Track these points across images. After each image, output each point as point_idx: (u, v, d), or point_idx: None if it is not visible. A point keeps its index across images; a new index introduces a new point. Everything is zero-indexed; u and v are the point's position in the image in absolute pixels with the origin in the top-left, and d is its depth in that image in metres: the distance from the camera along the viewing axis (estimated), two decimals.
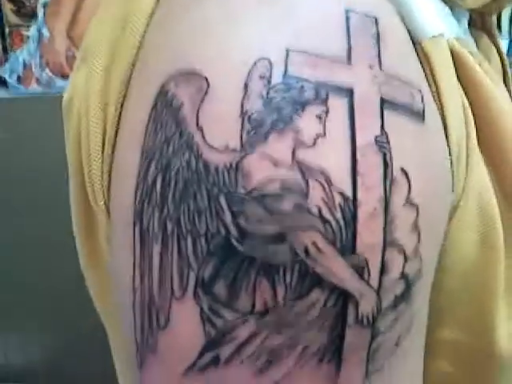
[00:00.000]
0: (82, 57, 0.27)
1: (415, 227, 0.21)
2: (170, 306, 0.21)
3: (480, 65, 0.27)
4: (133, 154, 0.22)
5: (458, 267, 0.27)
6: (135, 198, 0.22)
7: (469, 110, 0.26)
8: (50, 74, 1.23)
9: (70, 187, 0.29)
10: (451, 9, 0.30)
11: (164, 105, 0.21)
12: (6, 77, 1.20)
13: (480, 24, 0.39)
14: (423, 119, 0.22)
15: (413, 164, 0.21)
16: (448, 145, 0.24)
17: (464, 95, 0.27)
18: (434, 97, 0.24)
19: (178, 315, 0.20)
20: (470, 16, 0.33)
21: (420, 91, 0.22)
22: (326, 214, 0.19)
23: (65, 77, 1.23)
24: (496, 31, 0.40)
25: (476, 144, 0.26)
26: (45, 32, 1.21)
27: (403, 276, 0.21)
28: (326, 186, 0.19)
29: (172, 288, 0.21)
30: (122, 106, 0.24)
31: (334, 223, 0.19)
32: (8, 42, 1.22)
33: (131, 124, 0.23)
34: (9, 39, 1.23)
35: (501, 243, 0.27)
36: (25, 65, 1.22)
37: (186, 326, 0.20)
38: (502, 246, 0.27)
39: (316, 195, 0.19)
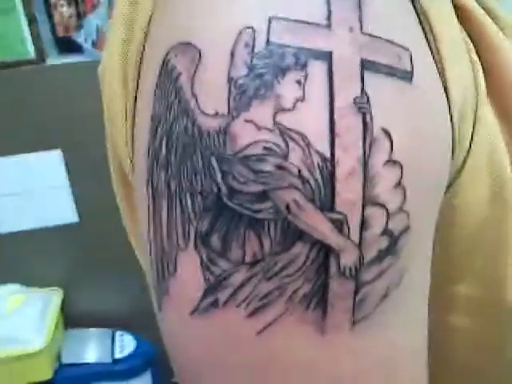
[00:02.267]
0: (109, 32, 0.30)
1: (399, 185, 0.22)
2: (176, 255, 0.23)
3: (492, 17, 0.26)
4: (145, 117, 0.25)
5: (470, 223, 0.28)
6: (147, 158, 0.24)
7: (478, 64, 0.26)
8: None
9: (108, 148, 0.33)
10: None
11: (166, 74, 0.23)
12: (82, 42, 1.27)
13: None
14: (411, 79, 0.22)
15: (396, 123, 0.22)
16: (448, 103, 0.24)
17: (474, 50, 0.26)
18: (433, 56, 0.24)
19: (183, 264, 0.23)
20: None
21: (408, 50, 0.22)
22: (305, 174, 0.21)
23: None
24: None
25: (485, 99, 0.26)
26: None
27: (386, 231, 0.22)
28: (304, 147, 0.21)
29: (177, 240, 0.23)
30: (138, 74, 0.27)
31: (312, 182, 0.21)
32: (81, 7, 1.28)
33: (144, 91, 0.26)
34: (82, 4, 1.29)
35: (511, 199, 0.27)
36: (98, 29, 1.28)
37: (189, 273, 0.23)
38: None
39: (295, 156, 0.21)
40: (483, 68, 0.26)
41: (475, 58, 0.26)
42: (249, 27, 0.21)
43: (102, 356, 1.55)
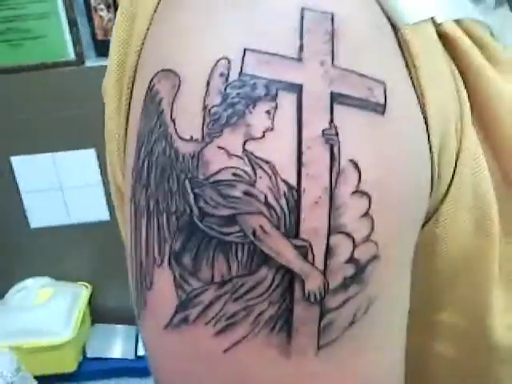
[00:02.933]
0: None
1: (366, 215, 0.22)
2: (153, 270, 0.24)
3: (480, 46, 0.26)
4: (132, 137, 0.26)
5: (453, 252, 0.28)
6: (132, 178, 0.26)
7: (463, 93, 0.26)
8: None
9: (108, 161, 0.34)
10: None
11: (150, 98, 0.24)
12: None
13: None
14: (383, 111, 0.22)
15: (365, 155, 0.22)
16: (427, 133, 0.24)
17: (460, 78, 0.26)
18: (414, 87, 0.24)
19: (159, 279, 0.24)
20: None
21: (383, 84, 0.23)
22: (272, 201, 0.21)
23: None
24: None
25: (470, 127, 0.26)
26: None
27: (353, 260, 0.22)
28: (272, 175, 0.21)
29: (154, 256, 0.24)
30: (130, 96, 0.28)
31: (278, 209, 0.21)
32: None
33: (132, 113, 0.27)
34: None
35: (496, 231, 0.27)
36: None
37: (164, 288, 0.24)
38: (497, 234, 0.27)
39: (263, 184, 0.21)
40: (469, 96, 0.27)
41: (461, 86, 0.26)
42: (224, 58, 0.22)
43: (125, 352, 1.59)
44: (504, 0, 0.33)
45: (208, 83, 0.22)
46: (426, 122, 0.24)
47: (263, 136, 0.21)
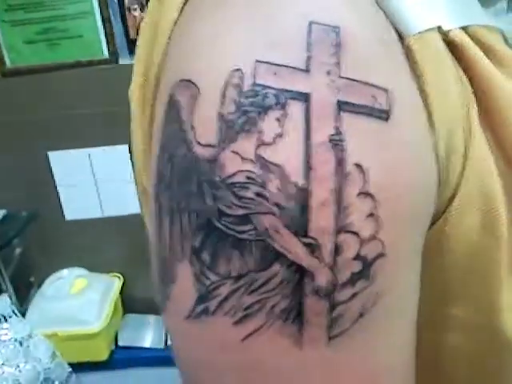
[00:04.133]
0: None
1: (372, 215, 0.24)
2: (175, 265, 0.26)
3: (489, 51, 0.27)
4: (155, 143, 0.28)
5: (461, 249, 0.29)
6: (155, 179, 0.28)
7: (472, 99, 0.27)
8: None
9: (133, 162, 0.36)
10: None
11: (171, 106, 0.26)
12: None
13: None
14: (387, 118, 0.24)
15: (370, 159, 0.23)
16: (434, 137, 0.26)
17: (468, 84, 0.27)
18: (420, 93, 0.26)
19: (180, 273, 0.26)
20: None
21: (386, 92, 0.24)
22: (282, 202, 0.23)
23: None
24: None
25: (479, 131, 0.27)
26: None
27: (359, 257, 0.24)
28: (282, 178, 0.23)
29: (176, 252, 0.26)
30: (154, 105, 0.30)
31: (288, 209, 0.23)
32: None
33: (156, 120, 0.29)
34: None
35: (503, 229, 0.28)
36: None
37: (185, 282, 0.26)
38: (504, 232, 0.28)
39: (273, 185, 0.23)
40: (477, 100, 0.28)
41: (469, 92, 0.27)
42: (238, 69, 0.24)
43: (155, 341, 1.63)
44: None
45: (223, 93, 0.24)
46: (432, 128, 0.26)
47: (274, 142, 0.23)
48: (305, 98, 0.23)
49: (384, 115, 0.24)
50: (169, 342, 1.63)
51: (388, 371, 0.27)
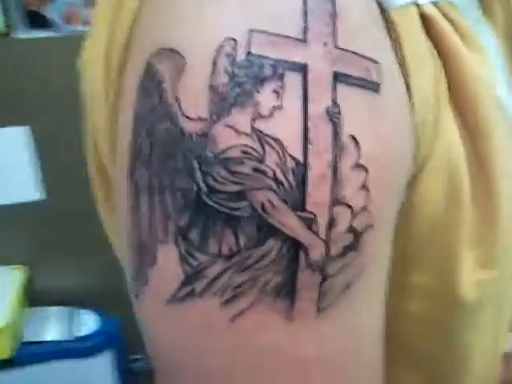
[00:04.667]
0: (91, 29, 0.31)
1: (364, 187, 0.24)
2: (155, 248, 0.25)
3: (457, 28, 0.29)
4: (128, 116, 0.26)
5: (427, 219, 0.30)
6: (129, 154, 0.26)
7: (442, 73, 0.28)
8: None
9: (86, 139, 0.34)
10: None
11: (149, 77, 0.25)
12: (51, 16, 1.24)
13: None
14: (378, 90, 0.24)
15: (364, 131, 0.24)
16: (411, 110, 0.26)
17: (438, 58, 0.29)
18: (400, 66, 0.26)
19: (162, 255, 0.25)
20: None
21: (377, 64, 0.24)
22: (280, 176, 0.23)
23: None
24: None
25: (447, 104, 0.28)
26: None
27: (351, 229, 0.24)
28: (280, 151, 0.22)
29: (157, 234, 0.25)
30: (120, 72, 0.28)
31: (286, 184, 0.23)
32: None
33: (127, 90, 0.27)
34: None
35: (466, 200, 0.30)
36: (68, 4, 1.26)
37: (168, 264, 0.25)
38: (467, 202, 0.30)
39: (271, 160, 0.23)
40: (446, 76, 0.29)
41: (438, 65, 0.28)
42: (231, 38, 0.23)
43: (63, 334, 1.55)
44: None
45: (214, 63, 0.23)
46: (410, 100, 0.26)
47: (271, 114, 0.22)
48: (302, 69, 0.23)
49: (376, 87, 0.24)
50: (77, 333, 1.56)
51: (370, 336, 0.28)
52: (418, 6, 0.27)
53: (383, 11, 0.26)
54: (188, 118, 0.23)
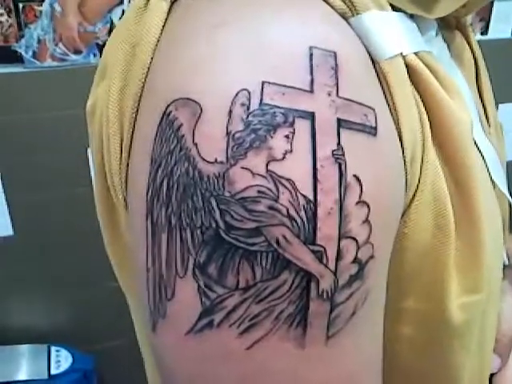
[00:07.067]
0: (101, 73, 0.33)
1: (366, 221, 0.26)
2: (174, 282, 0.27)
3: (436, 75, 0.32)
4: (144, 160, 0.28)
5: (417, 248, 0.33)
6: (146, 196, 0.28)
7: (425, 116, 0.31)
8: (64, 48, 1.28)
9: (94, 180, 0.35)
10: (419, 20, 0.34)
11: (167, 123, 0.27)
12: (22, 52, 1.25)
13: (455, 23, 0.43)
14: (375, 133, 0.27)
15: (365, 171, 0.26)
16: (402, 150, 0.29)
17: (421, 103, 0.32)
18: (390, 110, 0.29)
19: (181, 290, 0.26)
20: (443, 19, 0.37)
21: (374, 110, 0.27)
22: (293, 213, 0.25)
23: (77, 51, 1.28)
24: (470, 29, 0.45)
25: (431, 144, 0.31)
26: (57, 7, 1.25)
27: (356, 260, 0.26)
28: (292, 191, 0.25)
29: (176, 269, 0.26)
30: (135, 119, 0.30)
31: (298, 220, 0.25)
32: (22, 17, 1.26)
33: (142, 136, 0.29)
34: (22, 15, 1.27)
35: (451, 228, 0.33)
36: (39, 40, 1.27)
37: (187, 297, 0.26)
38: (452, 230, 0.33)
39: (284, 198, 0.25)
40: (429, 118, 0.32)
41: (422, 109, 0.31)
42: (244, 89, 0.25)
43: (37, 372, 1.51)
44: (438, 30, 0.39)
45: (230, 111, 0.25)
46: (400, 140, 0.29)
47: (284, 157, 0.25)
48: (310, 116, 0.25)
49: (373, 131, 0.27)
50: (52, 372, 1.51)
51: (371, 359, 0.30)
52: (403, 56, 0.30)
53: (373, 61, 0.29)
54: (206, 160, 0.25)
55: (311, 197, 0.25)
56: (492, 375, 0.44)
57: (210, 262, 0.26)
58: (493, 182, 0.38)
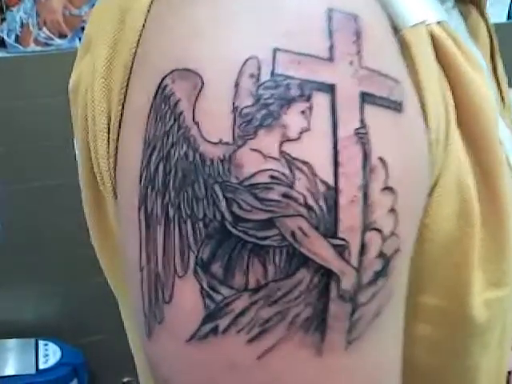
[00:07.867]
0: (85, 46, 0.29)
1: (392, 210, 0.23)
2: (173, 283, 0.23)
3: (459, 48, 0.28)
4: (136, 142, 0.24)
5: (438, 239, 0.29)
6: (139, 184, 0.24)
7: (449, 93, 0.28)
8: (48, 32, 1.23)
9: (79, 165, 0.31)
10: None
11: (162, 99, 0.23)
12: (5, 36, 1.20)
13: None
14: (401, 109, 0.23)
15: (390, 152, 0.23)
16: (427, 129, 0.26)
17: (444, 78, 0.28)
18: (414, 85, 0.26)
19: (181, 291, 0.23)
20: None
21: (399, 82, 0.24)
22: (311, 202, 0.21)
23: (62, 35, 1.23)
24: (485, 4, 0.41)
25: (455, 125, 0.28)
26: None
27: (381, 255, 0.23)
28: (310, 176, 0.21)
29: (175, 267, 0.23)
30: (125, 95, 0.26)
31: (317, 210, 0.21)
32: (4, 0, 1.21)
33: (133, 114, 0.25)
34: None
35: (476, 218, 0.30)
36: (22, 24, 1.21)
37: (188, 300, 0.23)
38: (477, 220, 0.30)
39: (301, 185, 0.21)
40: (453, 96, 0.28)
41: (445, 85, 0.28)
42: (253, 57, 0.21)
43: (25, 367, 1.47)
44: (454, 2, 0.35)
45: (237, 84, 0.21)
46: (425, 120, 0.26)
47: (300, 137, 0.21)
48: (330, 89, 0.22)
49: (399, 107, 0.23)
50: (41, 367, 1.48)
51: (393, 362, 0.27)
52: (426, 25, 0.27)
53: (395, 29, 0.26)
54: (209, 141, 0.22)
55: (331, 183, 0.21)
56: (510, 373, 0.42)
57: (214, 259, 0.22)
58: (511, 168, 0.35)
